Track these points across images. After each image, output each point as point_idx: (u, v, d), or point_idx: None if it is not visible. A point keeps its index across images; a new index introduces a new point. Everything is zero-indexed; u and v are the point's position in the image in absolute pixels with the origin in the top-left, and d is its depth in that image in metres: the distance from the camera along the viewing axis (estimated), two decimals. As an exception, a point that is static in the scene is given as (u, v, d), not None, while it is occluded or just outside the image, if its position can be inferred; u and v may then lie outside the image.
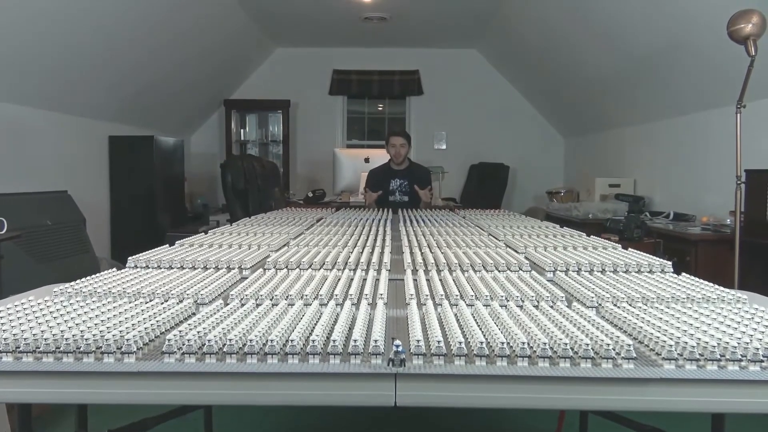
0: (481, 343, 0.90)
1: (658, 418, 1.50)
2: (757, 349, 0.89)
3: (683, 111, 4.30)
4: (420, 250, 1.83)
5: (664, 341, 0.91)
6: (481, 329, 0.99)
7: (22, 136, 3.94)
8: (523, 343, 0.90)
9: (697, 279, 1.43)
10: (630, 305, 1.19)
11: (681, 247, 3.43)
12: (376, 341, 0.90)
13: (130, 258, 1.64)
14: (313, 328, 1.00)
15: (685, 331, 0.98)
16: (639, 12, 3.88)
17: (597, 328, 1.00)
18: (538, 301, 1.20)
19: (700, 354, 0.89)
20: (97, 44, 4.15)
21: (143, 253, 1.68)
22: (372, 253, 1.80)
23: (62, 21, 3.66)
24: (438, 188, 5.02)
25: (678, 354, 0.90)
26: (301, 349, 0.92)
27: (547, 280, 1.43)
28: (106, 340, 0.91)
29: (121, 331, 0.95)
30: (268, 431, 2.59)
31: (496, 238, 2.15)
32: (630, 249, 1.85)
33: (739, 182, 2.94)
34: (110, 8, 3.94)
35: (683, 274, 1.50)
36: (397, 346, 0.86)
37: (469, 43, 6.85)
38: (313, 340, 0.91)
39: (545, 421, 2.51)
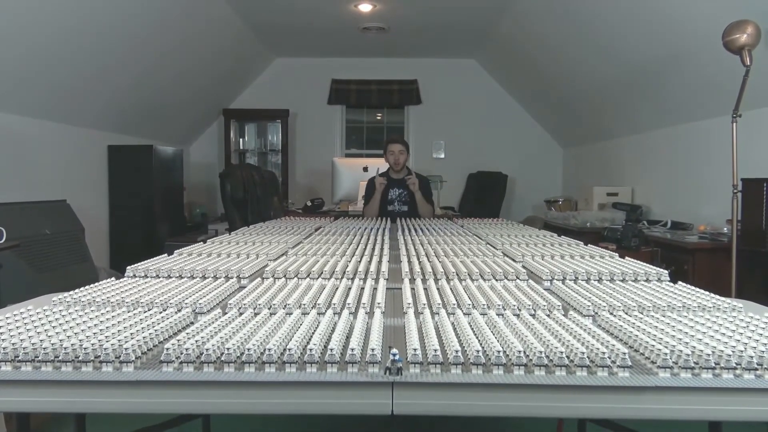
0: (478, 351, 0.91)
1: (655, 426, 1.50)
2: (752, 357, 0.90)
3: (680, 120, 4.33)
4: (418, 259, 1.83)
5: (659, 349, 0.92)
6: (477, 338, 1.00)
7: (22, 146, 3.95)
8: (520, 351, 0.90)
9: (693, 288, 1.44)
10: (626, 314, 1.19)
11: (678, 256, 3.43)
12: (373, 350, 0.90)
13: (128, 267, 1.65)
14: (311, 337, 1.00)
15: (680, 339, 0.98)
16: (636, 23, 3.92)
17: (593, 336, 1.00)
18: (534, 310, 1.20)
19: (695, 362, 0.90)
20: (96, 54, 4.17)
21: (142, 263, 1.69)
22: (370, 262, 1.81)
23: (61, 31, 3.68)
24: (437, 197, 5.03)
25: (673, 362, 0.90)
26: (299, 358, 0.92)
27: (544, 289, 1.44)
28: (105, 349, 0.91)
29: (119, 340, 0.96)
30: (267, 441, 2.58)
31: (494, 247, 2.16)
32: (627, 258, 1.85)
33: (735, 191, 2.95)
34: (110, 19, 3.96)
35: (679, 282, 1.51)
36: (394, 355, 0.86)
37: (468, 53, 6.89)
38: (311, 349, 0.91)
39: (544, 429, 2.50)
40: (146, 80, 5.10)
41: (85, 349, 0.92)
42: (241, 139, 7.19)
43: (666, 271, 1.59)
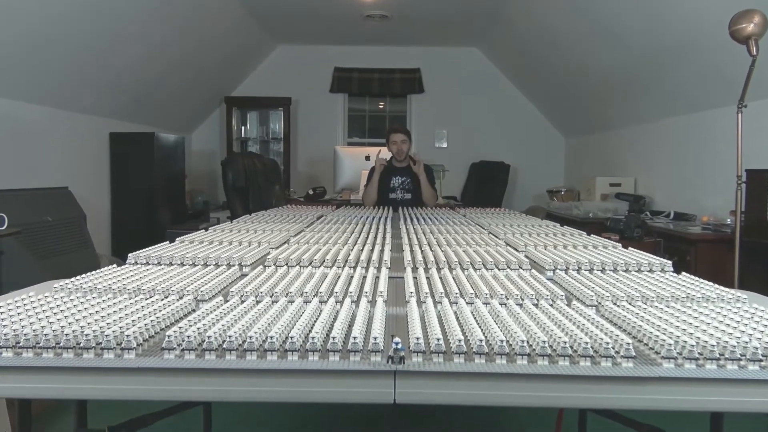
0: (481, 341, 0.90)
1: (657, 417, 1.50)
2: (756, 348, 0.89)
3: (684, 110, 4.30)
4: (420, 248, 1.83)
5: (664, 340, 0.91)
6: (480, 327, 0.99)
7: (23, 133, 3.94)
8: (523, 341, 0.90)
9: (696, 278, 1.43)
10: (629, 304, 1.19)
11: (681, 247, 3.42)
12: (375, 339, 0.90)
13: (130, 254, 1.64)
14: (313, 325, 1.00)
15: (685, 330, 0.98)
16: (641, 12, 3.88)
17: (596, 326, 1.00)
18: (537, 300, 1.20)
19: (699, 353, 0.89)
20: (98, 41, 4.15)
21: (143, 250, 1.69)
22: (372, 250, 1.80)
23: (63, 17, 3.66)
24: (439, 187, 5.02)
25: (677, 353, 0.90)
26: (301, 346, 0.92)
27: (547, 279, 1.43)
28: (106, 336, 0.91)
29: (121, 327, 0.95)
30: (268, 428, 2.59)
31: (497, 237, 2.15)
32: (630, 248, 1.85)
33: (739, 182, 2.93)
34: (111, 5, 3.94)
35: (683, 273, 1.50)
36: (397, 344, 0.86)
37: (470, 42, 6.85)
38: (313, 337, 0.91)
39: (544, 420, 2.51)
40: (148, 67, 5.07)
41: (86, 335, 0.91)
42: (242, 127, 7.17)
43: (669, 262, 1.58)
